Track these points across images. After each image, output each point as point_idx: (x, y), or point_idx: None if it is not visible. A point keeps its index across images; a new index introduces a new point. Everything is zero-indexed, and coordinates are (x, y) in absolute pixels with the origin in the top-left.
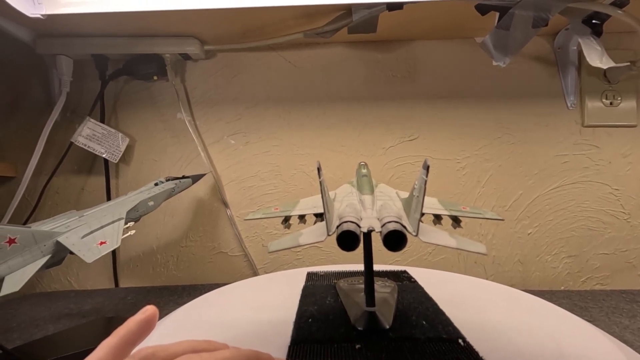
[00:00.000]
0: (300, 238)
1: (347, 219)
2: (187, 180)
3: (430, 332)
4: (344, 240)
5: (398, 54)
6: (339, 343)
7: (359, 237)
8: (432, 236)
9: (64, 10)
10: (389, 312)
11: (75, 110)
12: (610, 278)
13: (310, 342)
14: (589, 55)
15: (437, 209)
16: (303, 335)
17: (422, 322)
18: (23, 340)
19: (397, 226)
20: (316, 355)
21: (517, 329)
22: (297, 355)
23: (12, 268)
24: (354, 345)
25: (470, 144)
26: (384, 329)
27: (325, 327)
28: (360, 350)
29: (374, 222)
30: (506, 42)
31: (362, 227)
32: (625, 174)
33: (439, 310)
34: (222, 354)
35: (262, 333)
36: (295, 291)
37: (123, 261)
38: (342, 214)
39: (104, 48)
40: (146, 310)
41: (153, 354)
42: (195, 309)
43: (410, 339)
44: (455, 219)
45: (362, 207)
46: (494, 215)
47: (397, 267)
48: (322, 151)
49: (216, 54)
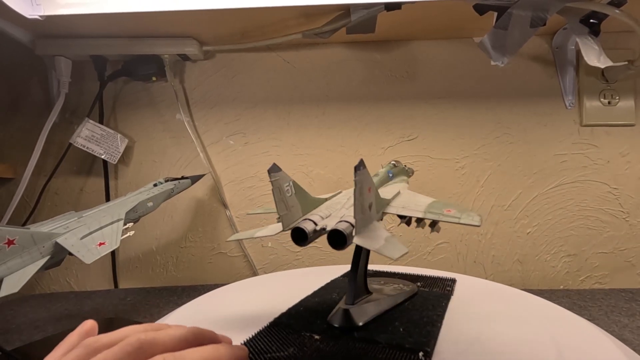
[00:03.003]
0: (258, 232)
1: (308, 217)
2: (186, 181)
3: (397, 340)
4: (296, 236)
5: (397, 54)
6: (304, 332)
7: (308, 235)
8: (366, 237)
9: (63, 11)
10: (369, 312)
11: (74, 112)
12: (609, 277)
13: (281, 327)
14: (587, 55)
15: (417, 211)
16: (281, 321)
17: (400, 329)
18: (22, 341)
19: (342, 226)
20: (277, 337)
21: (516, 329)
22: (261, 335)
23: (11, 269)
24: (313, 336)
25: (469, 144)
26: (355, 328)
27: (307, 317)
28: (317, 341)
29: (332, 222)
30: (504, 42)
31: (318, 225)
32: (624, 173)
33: (433, 321)
34: (166, 332)
35: (258, 321)
36: (296, 291)
37: (122, 262)
38: (313, 212)
39: (102, 49)
40: (84, 324)
41: (96, 339)
42: (195, 310)
43: (371, 342)
44: (432, 223)
45: (342, 206)
46: (473, 221)
47: (449, 274)
48: (321, 151)
49: (215, 54)
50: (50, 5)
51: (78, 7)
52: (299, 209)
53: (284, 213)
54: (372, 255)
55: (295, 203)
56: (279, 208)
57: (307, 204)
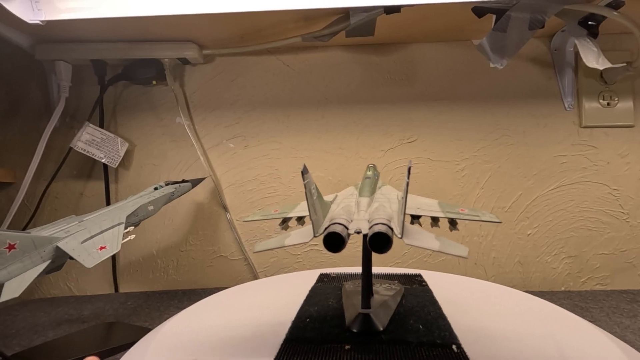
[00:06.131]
0: (287, 239)
1: (336, 221)
2: (186, 184)
3: (425, 337)
4: (330, 242)
5: (396, 57)
6: (330, 344)
7: (345, 239)
8: (416, 238)
9: (63, 16)
10: (385, 314)
11: (75, 116)
12: (610, 278)
13: (302, 342)
14: (585, 57)
15: (434, 211)
16: (297, 335)
17: (419, 327)
18: (22, 346)
19: (382, 228)
20: (305, 354)
21: (518, 331)
22: (286, 353)
23: (12, 274)
24: (343, 346)
25: (469, 146)
26: (378, 332)
27: (321, 327)
28: (349, 351)
29: (362, 224)
30: (503, 44)
31: (350, 229)
32: (624, 174)
33: (441, 315)
34: None
35: (261, 334)
36: (297, 294)
37: (123, 266)
38: (334, 216)
39: (102, 53)
40: None
41: None
42: (196, 313)
43: (403, 342)
44: (451, 222)
45: (356, 209)
46: (492, 218)
47: (412, 271)
48: (321, 154)
49: (215, 58)
50: (51, 10)
51: (79, 11)
52: (322, 213)
53: (315, 218)
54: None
55: (320, 207)
56: (310, 212)
57: (324, 207)
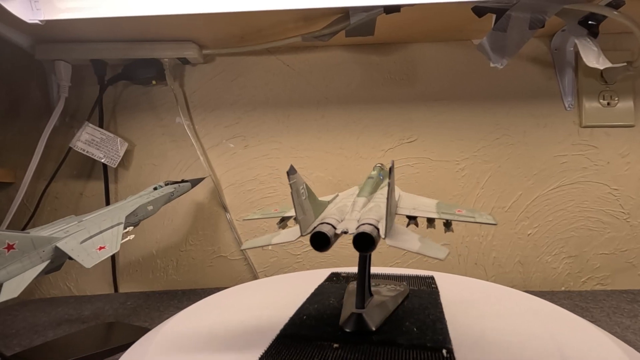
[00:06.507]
0: (275, 238)
1: (325, 221)
2: (186, 184)
3: (417, 340)
4: (317, 241)
5: (396, 57)
6: (320, 341)
7: (331, 239)
8: (398, 239)
9: (63, 15)
10: (379, 315)
11: (74, 115)
12: (610, 278)
13: (293, 338)
14: (585, 56)
15: (429, 212)
16: (290, 331)
17: (414, 329)
18: (22, 346)
19: (368, 228)
20: (294, 350)
21: (518, 331)
22: (276, 348)
23: (11, 274)
24: (332, 345)
25: (469, 146)
26: (370, 332)
27: (316, 325)
28: (337, 349)
29: (351, 224)
30: (503, 44)
31: (337, 228)
32: (624, 174)
33: (440, 318)
34: None
35: (257, 331)
36: (297, 293)
37: (122, 266)
38: (325, 216)
39: (102, 53)
40: None
41: None
42: (196, 313)
43: (392, 344)
44: (445, 223)
45: (352, 209)
46: (488, 220)
47: (425, 272)
48: (321, 154)
49: (215, 58)
50: (50, 10)
51: (78, 11)
52: (312, 212)
53: (302, 217)
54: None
55: (309, 207)
56: (297, 211)
57: (317, 207)
